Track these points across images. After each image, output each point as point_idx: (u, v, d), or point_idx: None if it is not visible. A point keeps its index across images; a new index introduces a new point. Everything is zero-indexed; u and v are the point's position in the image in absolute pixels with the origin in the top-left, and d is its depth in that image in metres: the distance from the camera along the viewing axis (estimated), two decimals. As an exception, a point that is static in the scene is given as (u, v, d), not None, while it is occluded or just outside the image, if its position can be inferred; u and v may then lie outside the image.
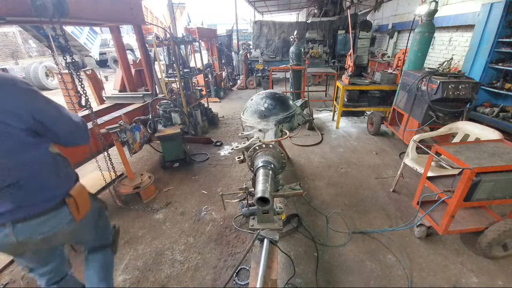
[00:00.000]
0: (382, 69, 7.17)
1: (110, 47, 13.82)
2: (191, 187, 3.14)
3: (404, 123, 3.68)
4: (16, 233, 1.07)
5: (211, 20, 25.70)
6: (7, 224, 1.06)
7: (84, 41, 11.14)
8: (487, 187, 1.74)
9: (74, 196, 1.19)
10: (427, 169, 2.15)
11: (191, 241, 2.31)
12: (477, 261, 2.02)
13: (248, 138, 1.97)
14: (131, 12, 3.34)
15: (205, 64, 6.47)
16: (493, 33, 4.18)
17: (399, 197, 2.84)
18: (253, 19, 13.21)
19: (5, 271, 2.03)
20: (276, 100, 2.24)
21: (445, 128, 2.77)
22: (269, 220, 1.42)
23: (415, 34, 3.63)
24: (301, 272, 1.98)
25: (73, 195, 1.19)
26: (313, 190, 3.01)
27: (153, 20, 10.89)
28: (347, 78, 4.59)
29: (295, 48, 5.35)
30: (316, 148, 4.17)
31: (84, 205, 1.25)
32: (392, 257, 2.09)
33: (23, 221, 1.08)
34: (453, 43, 6.15)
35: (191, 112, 4.59)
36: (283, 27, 11.52)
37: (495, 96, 4.47)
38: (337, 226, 2.45)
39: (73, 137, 1.25)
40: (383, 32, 10.07)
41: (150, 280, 1.95)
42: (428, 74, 3.18)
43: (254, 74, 8.76)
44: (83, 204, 1.24)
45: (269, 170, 1.42)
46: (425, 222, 2.20)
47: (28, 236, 1.10)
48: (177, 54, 4.30)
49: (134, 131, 2.87)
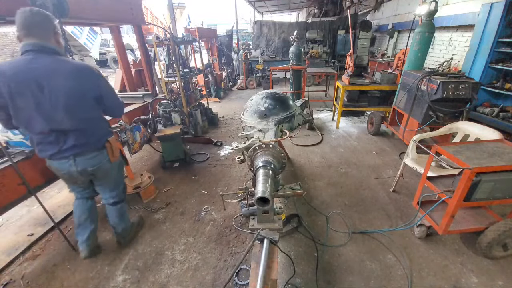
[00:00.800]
0: (382, 69, 7.17)
1: (110, 47, 13.81)
2: (191, 187, 3.14)
3: (404, 123, 3.68)
4: (76, 164, 1.66)
5: (211, 20, 25.69)
6: (70, 157, 1.63)
7: (84, 41, 11.15)
8: (487, 187, 1.74)
9: (111, 142, 1.80)
10: (427, 169, 2.15)
11: (191, 241, 2.31)
12: (477, 261, 2.02)
13: (248, 138, 1.97)
14: (131, 12, 3.34)
15: (205, 64, 6.47)
16: (493, 33, 4.18)
17: (399, 197, 2.84)
18: (253, 19, 13.21)
19: (5, 271, 2.03)
20: (276, 100, 2.24)
21: (445, 128, 2.77)
22: (269, 220, 1.42)
23: (415, 34, 3.63)
24: (301, 272, 1.98)
25: (110, 141, 1.80)
26: (313, 190, 3.01)
27: (153, 20, 10.89)
28: (347, 78, 4.59)
29: (295, 48, 5.35)
30: (316, 148, 4.17)
31: (115, 151, 1.86)
32: (392, 257, 2.09)
33: (80, 155, 1.66)
34: (453, 43, 6.15)
35: (191, 112, 4.59)
36: (283, 27, 11.52)
37: (495, 96, 4.47)
38: (337, 226, 2.45)
39: (113, 111, 1.86)
40: (383, 32, 10.07)
41: (150, 280, 1.95)
42: (428, 74, 3.18)
43: (254, 74, 8.76)
44: (115, 150, 1.86)
45: (269, 170, 1.42)
46: (425, 222, 2.20)
47: (83, 168, 1.69)
48: (177, 54, 4.29)
49: (134, 131, 2.87)
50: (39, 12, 1.47)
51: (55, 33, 1.55)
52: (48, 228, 2.43)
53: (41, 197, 2.20)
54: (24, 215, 2.69)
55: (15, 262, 2.12)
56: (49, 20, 1.51)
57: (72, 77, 1.50)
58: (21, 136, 1.93)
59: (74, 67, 1.54)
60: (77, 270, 2.04)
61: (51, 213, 2.08)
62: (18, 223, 2.55)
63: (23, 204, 2.62)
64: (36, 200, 1.94)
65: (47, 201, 2.87)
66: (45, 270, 2.04)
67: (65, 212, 2.66)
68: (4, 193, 1.83)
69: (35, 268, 2.07)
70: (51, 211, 2.24)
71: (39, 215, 2.57)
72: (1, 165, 1.84)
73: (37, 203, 1.95)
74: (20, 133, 1.93)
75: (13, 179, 1.87)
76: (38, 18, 1.46)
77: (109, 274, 2.00)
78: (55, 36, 1.55)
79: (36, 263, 2.11)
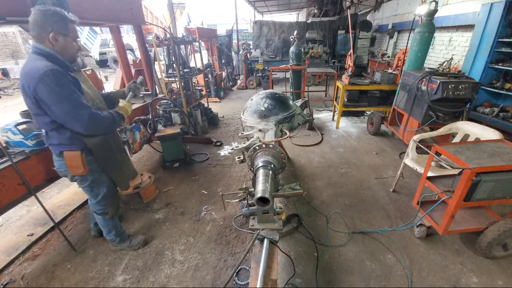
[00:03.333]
0: (382, 69, 7.17)
1: (110, 47, 13.82)
2: (191, 187, 3.14)
3: (404, 123, 3.68)
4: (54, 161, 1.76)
5: (211, 20, 25.68)
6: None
7: (84, 41, 11.15)
8: (487, 187, 1.74)
9: (65, 155, 1.66)
10: (427, 169, 2.14)
11: (191, 241, 2.31)
12: (477, 261, 2.02)
13: (248, 138, 1.97)
14: (131, 12, 3.34)
15: (205, 64, 6.47)
16: (493, 33, 4.18)
17: (399, 197, 2.84)
18: (253, 19, 13.21)
19: (5, 271, 2.03)
20: (276, 100, 2.24)
21: (445, 128, 2.77)
22: (269, 220, 1.42)
23: (415, 34, 3.63)
24: (301, 272, 1.98)
25: (64, 154, 1.67)
26: (313, 190, 3.01)
27: (153, 20, 10.88)
28: (347, 78, 4.59)
29: (295, 48, 5.35)
30: (316, 148, 4.17)
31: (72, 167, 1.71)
32: (392, 257, 2.09)
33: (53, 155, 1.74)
34: (453, 43, 6.15)
35: (191, 112, 4.59)
36: (283, 27, 11.52)
37: (495, 96, 4.47)
38: (337, 226, 2.45)
39: (65, 122, 1.53)
40: (383, 32, 10.06)
41: (150, 280, 1.95)
42: (428, 74, 3.18)
43: (254, 74, 8.75)
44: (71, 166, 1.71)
45: (269, 170, 1.42)
46: (425, 222, 2.20)
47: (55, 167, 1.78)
48: (177, 54, 4.29)
49: (134, 131, 2.87)
50: (37, 11, 1.41)
51: (49, 32, 1.44)
52: (48, 228, 2.43)
53: (41, 197, 2.21)
54: (24, 215, 2.69)
55: (15, 262, 2.12)
56: (43, 20, 1.42)
57: (22, 78, 1.45)
58: (21, 136, 1.93)
59: (28, 68, 1.44)
60: (77, 270, 2.04)
61: (51, 213, 2.08)
62: (18, 223, 2.55)
63: (23, 204, 2.63)
64: (36, 200, 1.95)
65: (47, 201, 2.87)
66: (45, 270, 2.05)
67: (65, 212, 2.65)
68: (4, 193, 1.83)
69: (35, 268, 2.07)
70: (51, 211, 2.25)
71: (39, 215, 2.56)
72: (1, 165, 1.84)
73: (37, 203, 1.95)
74: (20, 133, 1.93)
75: (13, 179, 1.87)
76: (33, 17, 1.41)
77: (109, 274, 2.00)
78: (50, 35, 1.45)
79: (36, 263, 2.11)
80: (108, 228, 2.07)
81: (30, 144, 1.97)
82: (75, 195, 2.92)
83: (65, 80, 1.46)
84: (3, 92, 9.09)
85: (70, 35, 1.53)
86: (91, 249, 2.24)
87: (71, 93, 1.48)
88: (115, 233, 2.11)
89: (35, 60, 1.44)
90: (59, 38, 1.48)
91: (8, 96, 8.91)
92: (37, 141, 2.01)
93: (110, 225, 2.06)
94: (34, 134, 1.99)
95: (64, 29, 1.48)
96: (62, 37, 1.48)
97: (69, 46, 1.54)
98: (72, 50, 1.58)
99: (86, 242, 2.32)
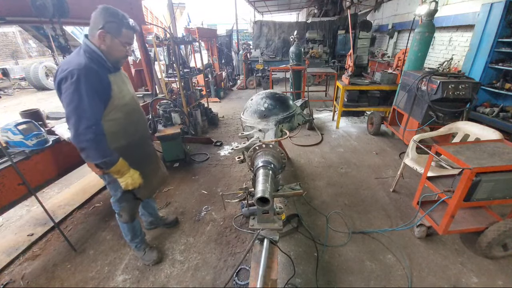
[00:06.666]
0: (382, 69, 7.18)
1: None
2: (191, 187, 3.14)
3: (404, 123, 3.68)
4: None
5: (211, 20, 25.64)
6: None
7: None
8: (487, 187, 1.74)
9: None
10: (427, 169, 2.14)
11: (191, 241, 2.31)
12: (477, 261, 2.02)
13: (248, 138, 1.97)
14: (131, 12, 3.33)
15: (205, 64, 6.47)
16: (493, 33, 4.18)
17: (399, 197, 2.84)
18: (253, 19, 13.21)
19: (5, 271, 2.03)
20: (276, 100, 2.24)
21: (445, 128, 2.77)
22: (269, 220, 1.42)
23: (415, 34, 3.63)
24: (301, 272, 1.98)
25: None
26: (313, 190, 3.01)
27: (153, 20, 10.87)
28: (347, 78, 4.59)
29: (295, 48, 5.35)
30: (316, 148, 4.17)
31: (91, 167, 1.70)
32: (392, 257, 2.09)
33: None
34: (453, 43, 6.15)
35: (191, 112, 4.59)
36: (283, 27, 11.52)
37: (495, 96, 4.47)
38: (337, 226, 2.45)
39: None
40: (383, 32, 10.06)
41: (150, 280, 1.95)
42: (428, 74, 3.18)
43: (254, 74, 8.75)
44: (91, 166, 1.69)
45: (269, 170, 1.42)
46: (425, 222, 2.20)
47: None
48: (177, 54, 4.30)
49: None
50: (99, 8, 1.46)
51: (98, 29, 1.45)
52: (48, 228, 2.43)
53: (41, 197, 2.21)
54: (24, 215, 2.69)
55: (15, 262, 2.12)
56: (99, 17, 1.45)
57: (59, 67, 1.49)
58: (21, 136, 1.93)
59: (65, 60, 1.53)
60: (77, 270, 2.04)
61: (51, 213, 2.08)
62: (18, 223, 2.55)
63: (23, 204, 2.63)
64: (36, 200, 1.94)
65: (47, 201, 2.87)
66: (45, 270, 2.05)
67: (65, 212, 2.66)
68: (4, 193, 1.83)
69: (35, 268, 2.07)
70: (51, 211, 2.25)
71: (39, 215, 2.56)
72: (1, 165, 1.84)
73: (37, 203, 1.95)
74: (20, 133, 1.93)
75: (13, 179, 1.87)
76: (93, 13, 1.47)
77: (109, 274, 2.00)
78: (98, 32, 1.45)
79: (36, 263, 2.11)
80: (124, 231, 2.02)
81: (30, 144, 1.97)
82: (75, 195, 2.93)
83: (88, 85, 1.39)
84: (3, 92, 9.10)
85: (121, 39, 1.49)
86: (91, 249, 2.24)
87: (83, 100, 1.39)
88: (131, 238, 2.03)
89: (76, 54, 1.48)
90: (107, 37, 1.46)
91: (8, 96, 8.92)
92: (37, 141, 2.00)
93: (125, 228, 1.98)
94: (34, 134, 1.98)
95: (116, 32, 1.46)
96: (110, 37, 1.46)
97: (116, 48, 1.51)
98: (119, 54, 1.54)
99: (86, 242, 2.32)
